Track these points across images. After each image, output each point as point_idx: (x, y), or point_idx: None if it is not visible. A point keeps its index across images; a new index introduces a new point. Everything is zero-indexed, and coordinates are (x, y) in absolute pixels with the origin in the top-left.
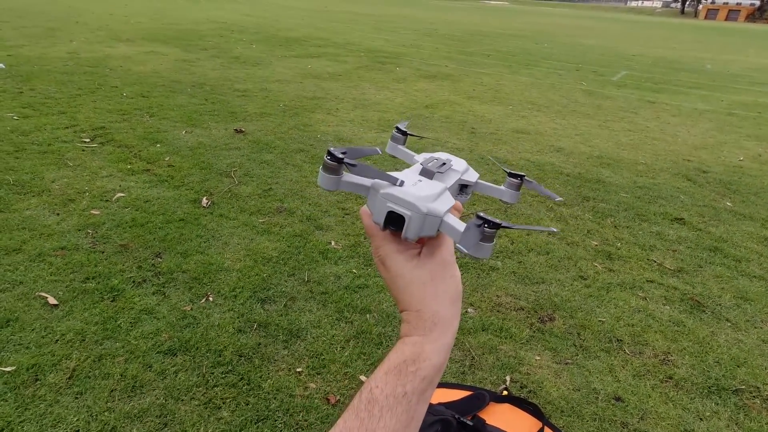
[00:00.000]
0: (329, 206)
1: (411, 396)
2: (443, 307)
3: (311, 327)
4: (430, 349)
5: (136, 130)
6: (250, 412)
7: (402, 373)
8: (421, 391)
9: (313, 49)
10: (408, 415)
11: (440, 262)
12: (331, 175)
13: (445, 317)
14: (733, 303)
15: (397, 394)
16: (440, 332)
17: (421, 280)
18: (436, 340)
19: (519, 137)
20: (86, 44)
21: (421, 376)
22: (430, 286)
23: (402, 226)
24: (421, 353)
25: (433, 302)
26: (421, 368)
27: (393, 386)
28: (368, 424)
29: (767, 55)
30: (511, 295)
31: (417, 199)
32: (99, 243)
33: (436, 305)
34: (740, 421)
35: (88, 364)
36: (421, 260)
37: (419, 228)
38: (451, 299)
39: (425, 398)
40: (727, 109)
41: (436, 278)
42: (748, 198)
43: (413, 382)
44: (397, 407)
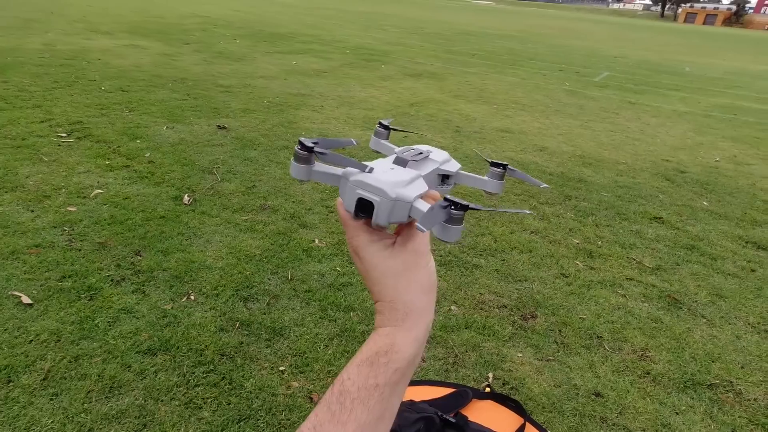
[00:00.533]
0: (313, 204)
1: (383, 388)
2: (416, 297)
3: (294, 325)
4: (403, 340)
5: (115, 125)
6: (232, 411)
7: (374, 364)
8: (393, 383)
9: (298, 45)
10: (381, 407)
11: (413, 252)
12: (301, 164)
13: (417, 308)
14: (709, 300)
15: (369, 385)
16: (413, 323)
17: (393, 270)
18: (408, 330)
19: (503, 136)
20: (63, 36)
21: (393, 367)
22: (403, 276)
23: (371, 213)
24: (393, 344)
25: (405, 292)
26: (393, 360)
27: (365, 378)
28: (340, 416)
29: (743, 59)
30: (494, 292)
31: (385, 184)
32: (76, 240)
33: (409, 295)
34: (714, 414)
35: (64, 364)
36: (395, 250)
37: (388, 214)
38: (424, 289)
39: (398, 391)
40: (704, 111)
41: (409, 268)
42: (724, 198)
43: (386, 373)
44: (369, 399)
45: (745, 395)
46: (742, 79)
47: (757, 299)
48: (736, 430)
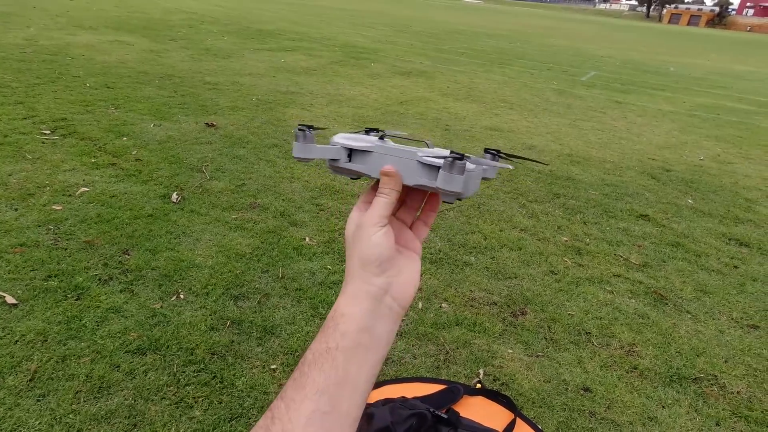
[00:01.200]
0: (303, 202)
1: (335, 352)
2: (354, 265)
3: (285, 324)
4: (344, 303)
5: (101, 123)
6: (224, 410)
7: (325, 329)
8: (345, 347)
9: (287, 42)
10: (336, 373)
11: (361, 225)
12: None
13: (354, 275)
14: (694, 296)
15: (321, 349)
16: (353, 289)
17: (348, 239)
18: (349, 295)
19: (492, 135)
20: (45, 31)
21: (341, 331)
22: (350, 245)
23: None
24: (337, 309)
25: (349, 260)
26: (339, 323)
27: (318, 343)
28: (299, 381)
29: (726, 59)
30: (485, 290)
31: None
32: (61, 239)
33: (350, 263)
34: (699, 407)
35: (51, 365)
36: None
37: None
38: (361, 259)
39: (358, 360)
40: (689, 110)
41: (355, 238)
42: (708, 196)
43: (334, 336)
44: (323, 363)
45: (728, 388)
46: (725, 79)
47: (740, 295)
48: (720, 422)
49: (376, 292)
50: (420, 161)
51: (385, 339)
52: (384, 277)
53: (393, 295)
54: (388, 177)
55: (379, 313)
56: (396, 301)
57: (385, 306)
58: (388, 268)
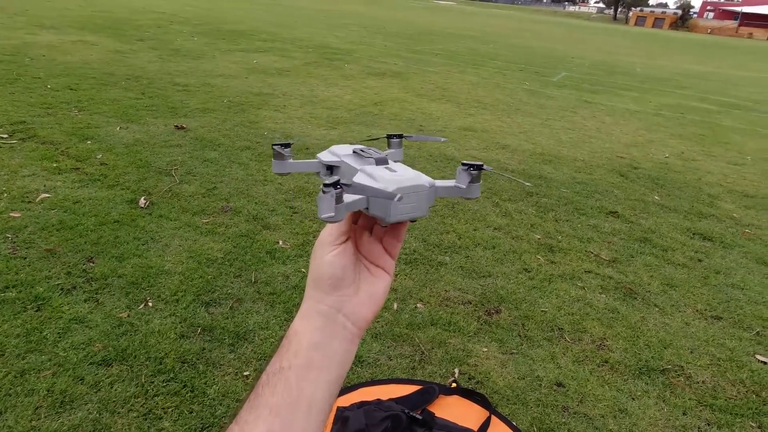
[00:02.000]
0: (276, 205)
1: (288, 372)
2: (308, 284)
3: (259, 329)
4: (296, 323)
5: (63, 126)
6: (195, 420)
7: (279, 350)
8: (298, 366)
9: (259, 43)
10: (289, 393)
11: (317, 243)
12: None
13: (307, 294)
14: (661, 290)
15: (275, 369)
16: (304, 308)
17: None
18: (301, 315)
19: (466, 135)
20: (2, 30)
21: (293, 350)
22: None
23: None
24: (291, 328)
25: (307, 278)
26: (292, 342)
27: (273, 364)
28: (253, 402)
29: (688, 60)
30: (459, 289)
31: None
32: (20, 248)
33: (306, 281)
34: (667, 398)
35: (9, 380)
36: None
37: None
38: (313, 278)
39: (311, 379)
40: (654, 110)
41: (312, 257)
42: (673, 192)
43: (288, 357)
44: (276, 383)
45: (694, 378)
46: (688, 80)
47: (704, 287)
48: (687, 411)
49: (326, 311)
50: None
51: (339, 358)
52: (336, 296)
53: (346, 314)
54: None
55: (331, 332)
56: (350, 321)
57: (338, 325)
58: (342, 287)
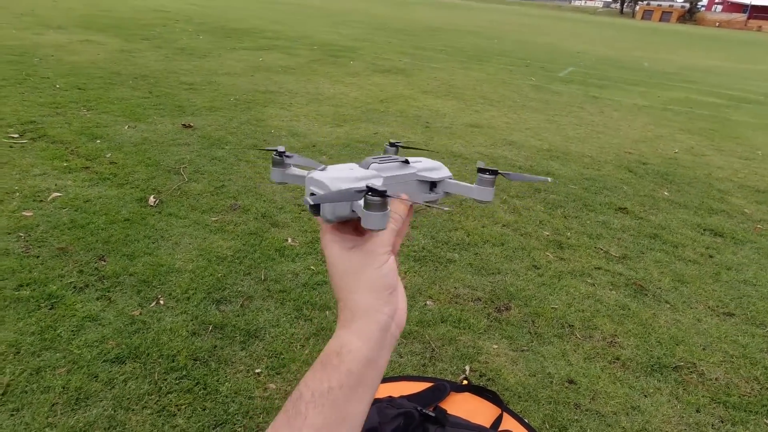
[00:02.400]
0: (285, 203)
1: (338, 391)
2: (363, 297)
3: (269, 326)
4: (351, 341)
5: (72, 125)
6: (208, 417)
7: (327, 367)
8: (348, 386)
9: (264, 41)
10: (336, 413)
11: (368, 253)
12: (277, 168)
13: (364, 308)
14: (672, 286)
15: (322, 389)
16: (361, 324)
17: (346, 270)
18: (356, 331)
19: (472, 131)
20: (10, 30)
21: (345, 369)
22: (354, 276)
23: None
24: (343, 345)
25: (353, 293)
26: (345, 361)
27: (319, 381)
28: (294, 422)
29: (696, 55)
30: (469, 286)
31: (327, 179)
32: (33, 247)
33: (357, 296)
34: (680, 395)
35: (25, 377)
36: (351, 251)
37: (331, 208)
38: (373, 289)
39: (358, 396)
40: (662, 104)
41: (361, 268)
42: (683, 188)
43: (339, 376)
44: (324, 403)
45: (707, 375)
46: (696, 74)
47: (715, 284)
48: (700, 409)
49: (385, 322)
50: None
51: (382, 370)
52: (391, 304)
53: (396, 322)
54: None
55: (384, 344)
56: (397, 326)
57: (390, 335)
58: (395, 294)
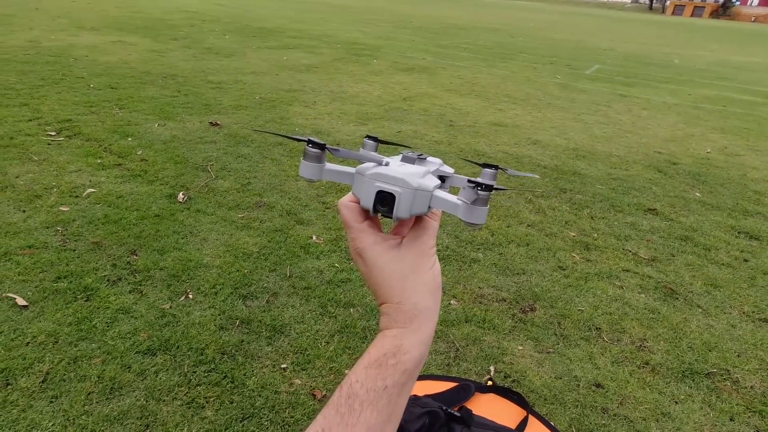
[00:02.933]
0: (309, 200)
1: (392, 389)
2: (423, 298)
3: (294, 322)
4: (410, 341)
5: (106, 123)
6: (235, 410)
7: (383, 366)
8: (401, 384)
9: (288, 40)
10: (389, 409)
11: (419, 254)
12: (313, 163)
13: (424, 309)
14: (704, 290)
15: (378, 388)
16: (420, 324)
17: (400, 273)
18: (415, 332)
19: (496, 130)
20: (47, 32)
21: (401, 369)
22: (410, 278)
23: (392, 206)
24: (401, 346)
25: (412, 294)
26: (402, 361)
27: (374, 380)
28: (349, 419)
29: (730, 51)
30: (493, 286)
31: (406, 175)
32: (70, 241)
33: (416, 297)
34: (713, 403)
35: (63, 366)
36: (401, 252)
37: (410, 205)
38: (431, 291)
39: (406, 391)
40: (693, 102)
41: (416, 270)
42: (716, 189)
43: (394, 375)
44: (379, 401)
45: (742, 383)
46: (729, 70)
47: (750, 288)
48: (734, 417)
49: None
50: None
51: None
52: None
53: None
54: None
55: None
56: None
57: None
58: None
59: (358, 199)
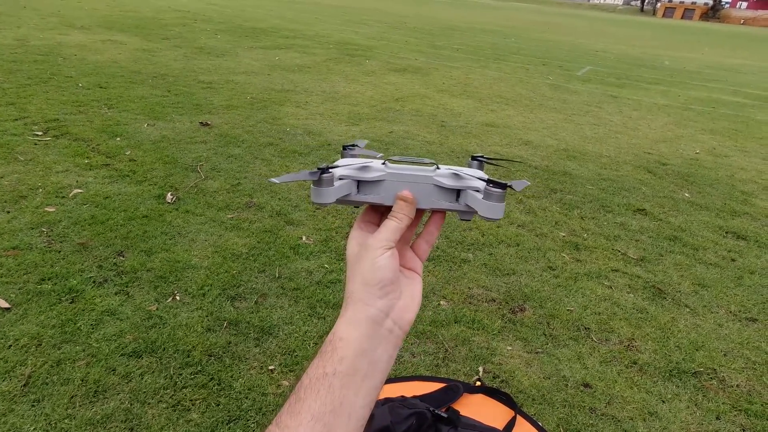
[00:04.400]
0: (300, 201)
1: (332, 378)
2: (356, 288)
3: (283, 324)
4: (341, 328)
5: (94, 123)
6: (221, 412)
7: (322, 354)
8: (342, 373)
9: (281, 40)
10: (331, 398)
11: (366, 246)
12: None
13: (355, 296)
14: (692, 290)
15: (318, 375)
16: (352, 312)
17: (349, 261)
18: (348, 320)
19: (488, 131)
20: (36, 31)
21: (338, 356)
22: (353, 267)
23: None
24: (335, 332)
25: (350, 282)
26: (337, 348)
27: (315, 368)
28: (294, 406)
29: (719, 53)
30: (483, 286)
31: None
32: (55, 242)
33: (352, 285)
34: (699, 402)
35: (46, 369)
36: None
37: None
38: (364, 281)
39: (355, 386)
40: (683, 104)
41: (358, 260)
42: (704, 189)
43: (331, 361)
44: (320, 389)
45: (728, 382)
46: (719, 72)
47: (737, 288)
48: (721, 416)
49: (376, 315)
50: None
51: (384, 364)
52: (386, 299)
53: (394, 319)
54: (404, 202)
55: (378, 337)
56: (397, 324)
57: (385, 329)
58: (391, 291)
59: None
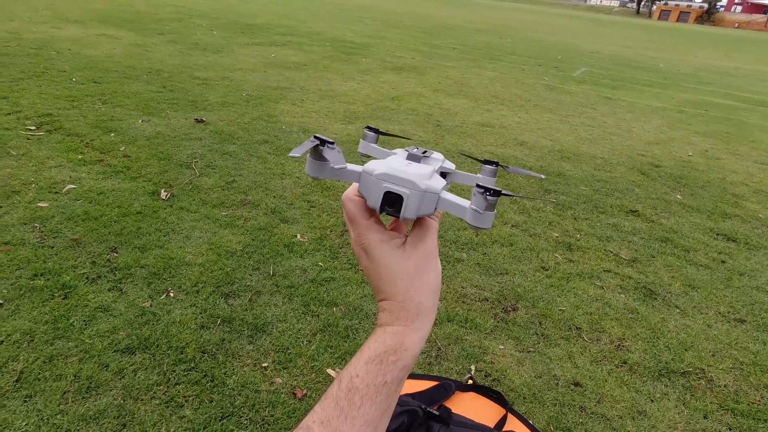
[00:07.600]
0: (294, 199)
1: (391, 385)
2: (426, 298)
3: (277, 321)
4: (411, 339)
5: (88, 118)
6: (214, 409)
7: (383, 362)
8: (400, 380)
9: (277, 37)
10: (387, 404)
11: (425, 254)
12: (319, 161)
13: (426, 308)
14: (682, 291)
15: (378, 383)
16: (422, 323)
17: (406, 272)
18: (417, 330)
19: (483, 130)
20: (29, 24)
21: (401, 365)
22: (416, 278)
23: (399, 207)
24: (402, 343)
25: (417, 294)
26: (402, 358)
27: (374, 375)
28: (348, 412)
29: (714, 56)
30: (476, 286)
31: (413, 176)
32: (48, 237)
33: (420, 296)
34: (687, 401)
35: (38, 365)
36: (407, 251)
37: (417, 207)
38: (433, 291)
39: (401, 389)
40: (677, 106)
41: (422, 270)
42: (696, 191)
43: (393, 371)
44: (378, 396)
45: (716, 382)
46: (712, 75)
47: (727, 289)
48: (708, 415)
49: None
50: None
51: None
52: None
53: None
54: None
55: None
56: None
57: None
58: None
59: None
